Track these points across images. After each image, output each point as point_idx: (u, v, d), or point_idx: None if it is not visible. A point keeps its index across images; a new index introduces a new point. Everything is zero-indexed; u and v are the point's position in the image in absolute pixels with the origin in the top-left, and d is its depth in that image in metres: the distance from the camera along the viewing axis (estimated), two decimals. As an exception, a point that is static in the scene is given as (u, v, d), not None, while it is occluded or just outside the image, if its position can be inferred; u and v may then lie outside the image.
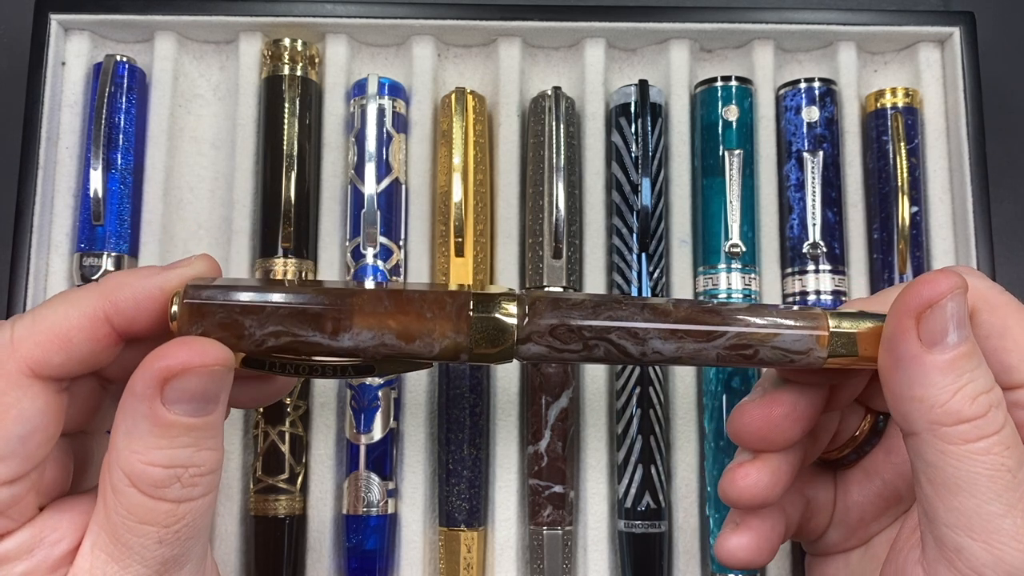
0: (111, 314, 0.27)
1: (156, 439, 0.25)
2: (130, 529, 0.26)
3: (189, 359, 0.25)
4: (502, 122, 0.50)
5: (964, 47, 0.50)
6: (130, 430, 0.26)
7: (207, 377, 0.26)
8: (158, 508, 0.26)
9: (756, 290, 0.49)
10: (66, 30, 0.51)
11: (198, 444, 0.26)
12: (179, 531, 0.26)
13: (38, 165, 0.48)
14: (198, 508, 0.26)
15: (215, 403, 0.27)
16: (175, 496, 0.26)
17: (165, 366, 0.25)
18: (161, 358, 0.25)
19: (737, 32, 0.51)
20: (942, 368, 0.27)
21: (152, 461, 0.25)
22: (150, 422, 0.25)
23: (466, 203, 0.48)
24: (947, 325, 0.27)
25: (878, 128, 0.50)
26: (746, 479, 0.32)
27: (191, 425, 0.26)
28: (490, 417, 0.48)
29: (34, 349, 0.26)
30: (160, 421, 0.25)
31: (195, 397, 0.26)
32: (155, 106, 0.50)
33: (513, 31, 0.51)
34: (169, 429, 0.25)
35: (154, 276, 0.28)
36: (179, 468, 0.26)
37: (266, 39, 0.51)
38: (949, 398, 0.27)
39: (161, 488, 0.26)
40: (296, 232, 0.48)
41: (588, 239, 0.49)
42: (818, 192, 0.49)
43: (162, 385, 0.25)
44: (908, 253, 0.48)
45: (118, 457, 0.26)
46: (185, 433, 0.26)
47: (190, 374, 0.25)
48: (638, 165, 0.49)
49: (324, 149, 0.50)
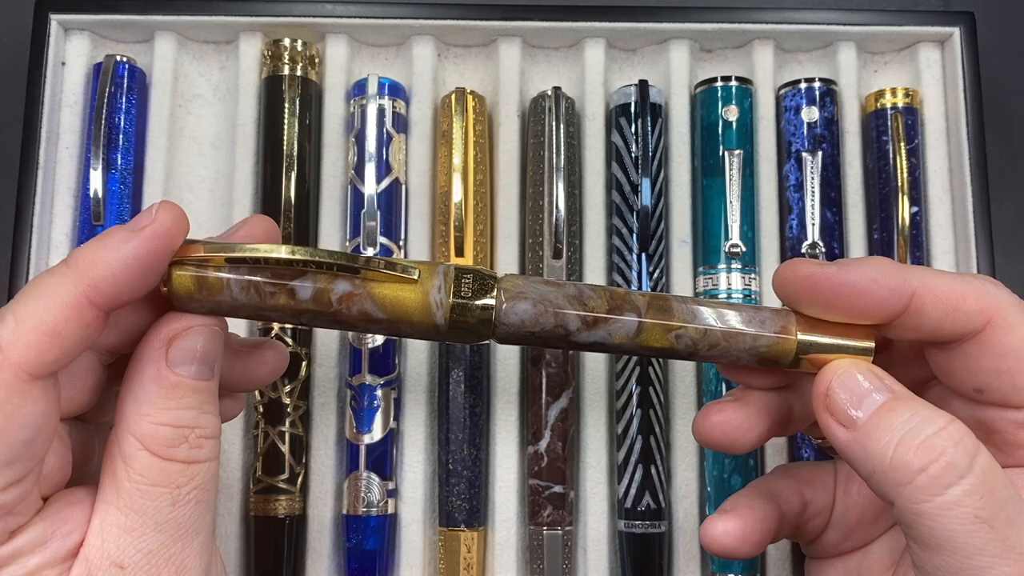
0: (93, 297, 0.26)
1: (164, 400, 0.27)
2: (144, 493, 0.27)
3: (189, 322, 0.28)
4: (502, 122, 0.50)
5: (964, 47, 0.50)
6: (138, 396, 0.27)
7: (207, 336, 0.28)
8: (170, 468, 0.27)
9: (756, 290, 0.49)
10: (66, 30, 0.51)
11: (201, 407, 0.28)
12: (190, 493, 0.27)
13: (38, 165, 0.48)
14: (206, 472, 0.28)
15: (212, 368, 0.28)
16: (184, 456, 0.27)
17: (170, 328, 0.28)
18: (164, 325, 0.28)
19: (737, 32, 0.51)
20: (872, 434, 0.26)
21: (162, 421, 0.27)
22: (157, 384, 0.27)
23: (466, 203, 0.48)
24: (848, 402, 0.27)
25: (878, 128, 0.50)
26: (720, 414, 0.32)
27: (195, 387, 0.28)
28: (490, 417, 0.48)
29: (26, 352, 0.25)
30: (167, 382, 0.27)
31: (197, 358, 0.28)
32: (155, 106, 0.50)
33: (513, 31, 0.51)
34: (175, 390, 0.27)
35: (125, 245, 0.27)
36: (186, 428, 0.27)
37: (266, 39, 0.51)
38: (891, 454, 0.26)
39: (171, 448, 0.27)
40: (296, 232, 0.48)
41: (588, 239, 0.49)
42: (817, 192, 0.49)
43: (167, 347, 0.27)
44: (908, 253, 0.48)
45: (127, 424, 0.27)
46: (190, 394, 0.27)
47: (192, 333, 0.28)
48: (638, 165, 0.49)
49: (324, 149, 0.50)
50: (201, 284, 0.28)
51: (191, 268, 0.28)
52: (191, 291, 0.28)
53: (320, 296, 0.29)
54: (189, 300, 0.29)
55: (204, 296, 0.28)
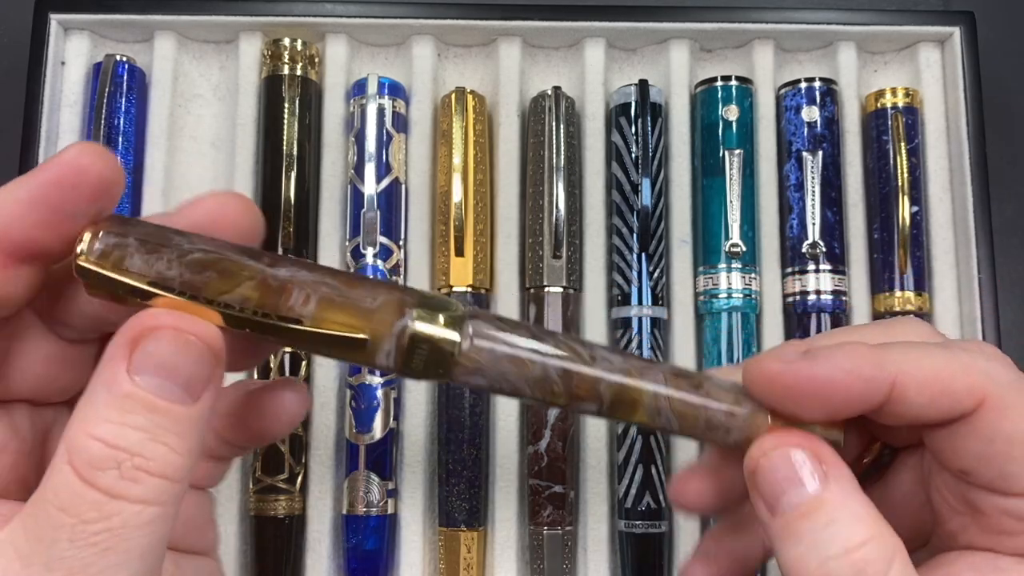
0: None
1: (107, 409, 0.21)
2: (49, 517, 0.21)
3: (164, 321, 0.22)
4: (502, 122, 0.50)
5: (964, 47, 0.50)
6: (88, 397, 0.22)
7: (179, 346, 0.22)
8: (84, 495, 0.21)
9: (756, 289, 0.49)
10: (66, 30, 0.50)
11: (153, 433, 0.21)
12: (98, 535, 0.21)
13: (38, 165, 0.48)
14: (131, 518, 0.21)
15: (188, 391, 0.22)
16: (107, 485, 0.21)
17: (138, 323, 0.22)
18: (137, 320, 0.22)
19: (737, 32, 0.51)
20: (785, 536, 0.23)
21: (95, 434, 0.21)
22: (107, 388, 0.21)
23: (466, 203, 0.48)
24: (774, 485, 0.24)
25: (878, 128, 0.50)
26: (692, 482, 0.29)
27: (150, 404, 0.21)
28: (490, 417, 0.48)
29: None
30: (118, 388, 0.21)
31: (162, 368, 0.21)
32: (155, 106, 0.50)
33: (513, 31, 0.51)
34: (125, 400, 0.21)
35: (23, 181, 0.23)
36: (121, 452, 0.21)
37: (266, 39, 0.51)
38: (792, 565, 0.23)
39: (95, 469, 0.21)
40: (296, 232, 0.48)
41: (588, 239, 0.49)
42: (818, 192, 0.49)
43: (131, 347, 0.22)
44: (908, 253, 0.48)
45: (68, 427, 0.22)
46: (141, 411, 0.21)
47: (160, 335, 0.22)
48: (638, 165, 0.49)
49: (324, 149, 0.50)
50: (107, 256, 0.23)
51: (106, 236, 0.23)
52: (99, 265, 0.23)
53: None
54: (96, 278, 0.23)
55: (109, 267, 0.23)
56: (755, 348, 0.48)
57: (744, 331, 0.48)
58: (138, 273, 0.23)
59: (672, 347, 0.49)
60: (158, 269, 0.23)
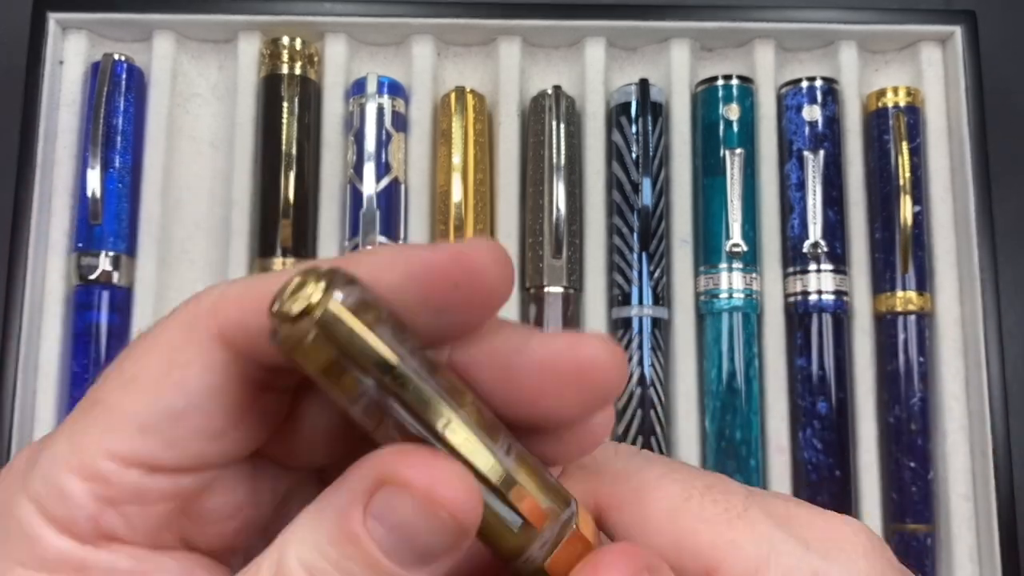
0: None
1: (328, 541, 0.18)
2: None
3: (418, 476, 0.18)
4: (502, 121, 0.50)
5: (966, 46, 0.50)
6: (317, 511, 0.19)
7: (427, 517, 0.18)
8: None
9: (757, 289, 0.49)
10: (64, 29, 0.50)
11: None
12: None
13: (36, 164, 0.48)
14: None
15: (420, 559, 0.18)
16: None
17: (390, 463, 0.18)
18: (390, 458, 0.18)
19: (738, 31, 0.51)
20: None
21: (306, 562, 0.18)
22: (337, 517, 0.18)
23: (466, 203, 0.48)
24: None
25: (879, 127, 0.50)
26: None
27: (373, 560, 0.18)
28: (490, 418, 0.48)
29: (232, 308, 0.19)
30: (347, 525, 0.18)
31: (399, 529, 0.18)
32: (153, 105, 0.50)
33: (513, 30, 0.51)
34: (348, 542, 0.18)
35: (399, 257, 0.19)
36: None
37: (265, 38, 0.51)
38: None
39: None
40: (295, 232, 0.48)
41: (588, 239, 0.49)
42: (819, 191, 0.49)
43: (375, 487, 0.18)
44: (910, 253, 0.48)
45: (287, 530, 0.19)
46: (361, 562, 0.18)
47: (408, 496, 0.18)
48: (639, 164, 0.49)
49: (323, 148, 0.50)
50: (330, 368, 0.17)
51: (338, 342, 0.17)
52: (307, 362, 0.17)
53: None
54: (334, 332, 0.17)
55: (314, 373, 0.18)
56: (756, 348, 0.48)
57: (745, 331, 0.48)
58: (388, 347, 0.18)
59: (673, 347, 0.49)
60: (400, 352, 0.18)
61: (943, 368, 0.48)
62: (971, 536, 0.47)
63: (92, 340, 0.47)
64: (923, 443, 0.48)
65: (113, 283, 0.47)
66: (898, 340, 0.48)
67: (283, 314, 0.17)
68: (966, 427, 0.48)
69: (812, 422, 0.47)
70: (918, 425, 0.48)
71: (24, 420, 0.46)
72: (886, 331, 0.49)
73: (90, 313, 0.47)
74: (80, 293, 0.47)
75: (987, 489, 0.46)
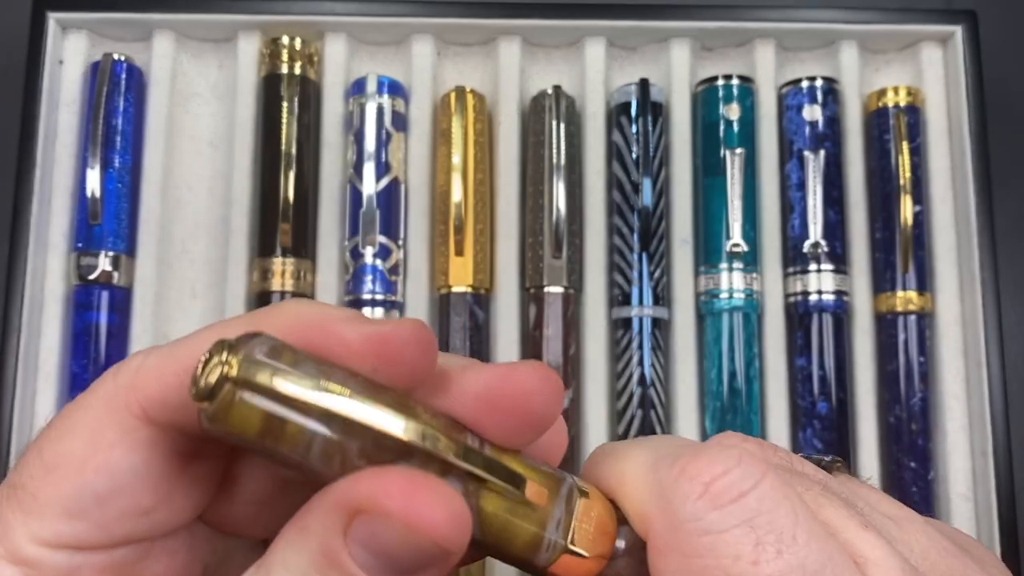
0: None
1: (311, 566, 0.18)
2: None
3: (394, 504, 0.17)
4: (502, 121, 0.50)
5: (966, 46, 0.50)
6: (296, 539, 0.18)
7: (409, 543, 0.17)
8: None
9: (758, 289, 0.48)
10: (64, 28, 0.50)
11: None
12: None
13: (35, 164, 0.47)
14: None
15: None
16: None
17: (367, 488, 0.17)
18: (366, 484, 0.17)
19: (738, 31, 0.51)
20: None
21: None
22: (317, 544, 0.18)
23: (466, 202, 0.48)
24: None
25: (880, 127, 0.50)
26: None
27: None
28: (490, 418, 0.48)
29: (151, 384, 0.19)
30: (328, 552, 0.17)
31: (382, 555, 0.18)
32: (153, 105, 0.50)
33: (513, 29, 0.51)
34: (333, 567, 0.18)
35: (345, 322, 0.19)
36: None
37: (265, 37, 0.50)
38: None
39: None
40: (295, 231, 0.48)
41: (588, 239, 0.49)
42: (819, 191, 0.49)
43: (351, 514, 0.18)
44: (911, 253, 0.48)
45: (265, 559, 0.18)
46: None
47: (388, 524, 0.17)
48: (639, 164, 0.49)
49: (323, 148, 0.50)
50: (270, 426, 0.17)
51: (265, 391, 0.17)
52: (245, 429, 0.17)
53: None
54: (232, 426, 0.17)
55: (258, 440, 0.17)
56: (756, 348, 0.48)
57: (745, 331, 0.48)
58: (321, 377, 0.17)
59: (673, 348, 0.49)
60: (336, 379, 0.18)
61: (943, 368, 0.48)
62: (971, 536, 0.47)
63: (92, 340, 0.47)
64: (923, 443, 0.48)
65: (113, 283, 0.47)
66: (898, 340, 0.48)
67: (203, 390, 0.17)
68: (966, 427, 0.48)
69: (812, 422, 0.47)
70: (918, 425, 0.48)
71: (23, 420, 0.46)
72: (886, 331, 0.49)
73: (90, 313, 0.47)
74: (80, 293, 0.47)
75: (987, 489, 0.46)
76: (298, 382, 0.17)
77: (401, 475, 0.18)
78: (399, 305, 0.48)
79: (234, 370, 0.17)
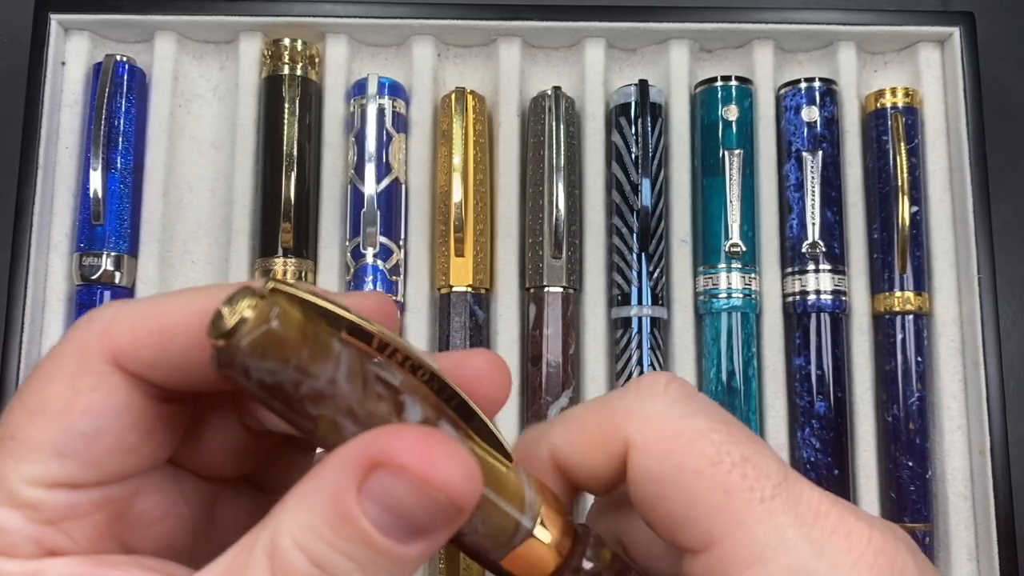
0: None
1: (324, 524, 0.18)
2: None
3: (410, 458, 0.18)
4: (502, 122, 0.50)
5: (964, 47, 0.50)
6: (308, 495, 0.18)
7: (421, 497, 0.18)
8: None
9: (756, 289, 0.49)
10: (66, 30, 0.50)
11: (367, 569, 0.18)
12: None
13: (38, 165, 0.48)
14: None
15: (418, 535, 0.18)
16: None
17: (383, 444, 0.18)
18: (384, 439, 0.18)
19: (737, 32, 0.51)
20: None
21: (303, 544, 0.18)
22: (332, 499, 0.18)
23: (466, 203, 0.48)
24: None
25: (878, 128, 0.50)
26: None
27: (371, 540, 0.18)
28: (490, 417, 0.48)
29: (124, 335, 0.20)
30: (342, 506, 0.18)
31: (395, 510, 0.18)
32: (155, 106, 0.50)
33: (513, 31, 0.51)
34: (345, 523, 0.18)
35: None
36: (324, 575, 0.18)
37: (266, 39, 0.51)
38: None
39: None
40: (296, 232, 0.48)
41: (588, 239, 0.49)
42: (818, 192, 0.49)
43: (368, 469, 0.18)
44: (908, 253, 0.48)
45: (275, 517, 0.19)
46: (359, 540, 0.18)
47: (402, 480, 0.18)
48: (638, 165, 0.49)
49: (324, 149, 0.50)
50: (305, 334, 0.18)
51: (294, 301, 0.18)
52: (285, 338, 0.18)
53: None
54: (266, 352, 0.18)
55: (295, 354, 0.18)
56: (754, 347, 0.48)
57: (744, 331, 0.48)
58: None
59: (672, 347, 0.49)
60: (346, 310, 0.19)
61: (941, 367, 0.49)
62: (969, 535, 0.47)
63: (94, 340, 0.47)
64: (921, 442, 0.48)
65: (115, 283, 0.48)
66: (896, 340, 0.48)
67: (231, 327, 0.17)
68: (964, 426, 0.48)
69: (811, 421, 0.48)
70: (916, 424, 0.48)
71: (26, 419, 0.46)
72: (884, 331, 0.49)
73: (92, 313, 0.47)
74: (82, 293, 0.48)
75: (985, 488, 0.46)
76: (331, 304, 0.18)
77: (419, 431, 0.18)
78: (400, 305, 0.49)
79: (270, 297, 0.18)
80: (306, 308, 0.18)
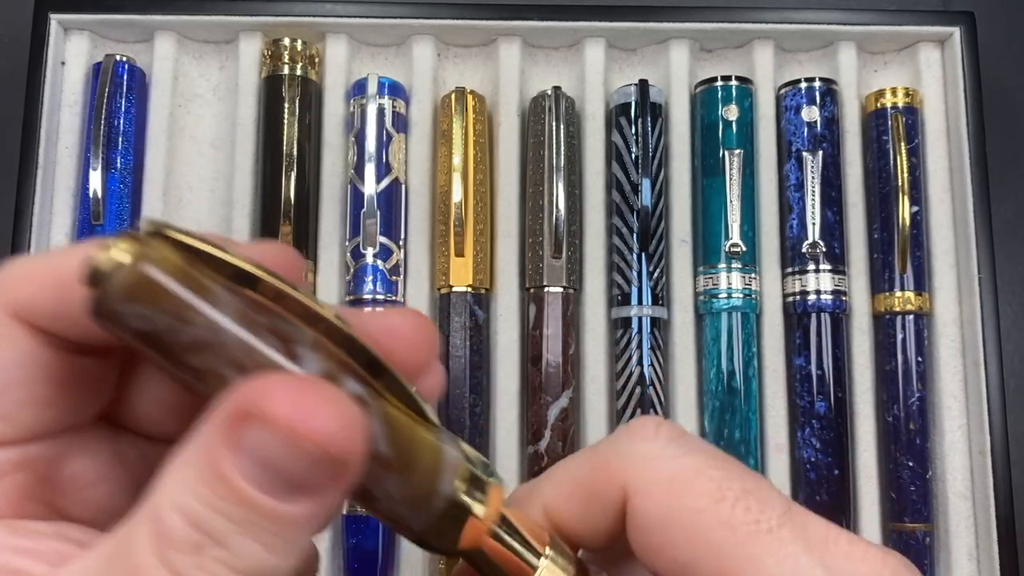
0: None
1: (199, 483, 0.17)
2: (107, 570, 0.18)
3: (279, 409, 0.16)
4: (502, 122, 0.50)
5: (964, 47, 0.50)
6: (185, 457, 0.18)
7: (291, 450, 0.17)
8: (151, 571, 0.17)
9: (756, 289, 0.49)
10: (66, 30, 0.50)
11: (244, 527, 0.17)
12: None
13: (38, 165, 0.48)
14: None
15: (296, 489, 0.17)
16: (180, 568, 0.17)
17: (249, 401, 0.17)
18: (255, 388, 0.17)
19: (737, 32, 0.51)
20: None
21: (180, 505, 0.17)
22: (206, 458, 0.17)
23: (466, 203, 0.48)
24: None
25: (878, 128, 0.50)
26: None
27: (244, 495, 0.17)
28: (490, 417, 0.48)
29: (22, 288, 0.20)
30: (213, 463, 0.17)
31: (266, 463, 0.17)
32: (155, 106, 0.50)
33: (513, 31, 0.51)
34: (219, 481, 0.17)
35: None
36: (204, 537, 0.17)
37: (266, 39, 0.51)
38: None
39: (170, 547, 0.17)
40: (296, 232, 0.48)
41: (588, 239, 0.49)
42: (818, 192, 0.49)
43: (237, 423, 0.17)
44: (908, 253, 0.48)
45: (157, 481, 0.18)
46: (234, 499, 0.17)
47: (269, 431, 0.17)
48: (638, 165, 0.49)
49: (324, 149, 0.50)
50: (181, 278, 0.17)
51: (175, 246, 0.17)
52: (157, 282, 0.17)
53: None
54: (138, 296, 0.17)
55: (169, 299, 0.17)
56: (754, 347, 0.48)
57: (744, 331, 0.48)
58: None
59: (672, 347, 0.49)
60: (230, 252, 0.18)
61: (941, 367, 0.49)
62: (969, 535, 0.47)
63: (94, 340, 0.47)
64: (921, 442, 0.48)
65: (115, 283, 0.48)
66: (896, 340, 0.48)
67: (102, 270, 0.17)
68: (964, 426, 0.48)
69: (811, 421, 0.48)
70: (916, 424, 0.48)
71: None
72: (884, 331, 0.49)
73: (92, 313, 0.47)
74: (82, 293, 0.48)
75: (985, 488, 0.46)
76: (210, 248, 0.18)
77: (288, 378, 0.17)
78: (400, 305, 0.49)
79: (144, 238, 0.17)
80: (187, 253, 0.17)
